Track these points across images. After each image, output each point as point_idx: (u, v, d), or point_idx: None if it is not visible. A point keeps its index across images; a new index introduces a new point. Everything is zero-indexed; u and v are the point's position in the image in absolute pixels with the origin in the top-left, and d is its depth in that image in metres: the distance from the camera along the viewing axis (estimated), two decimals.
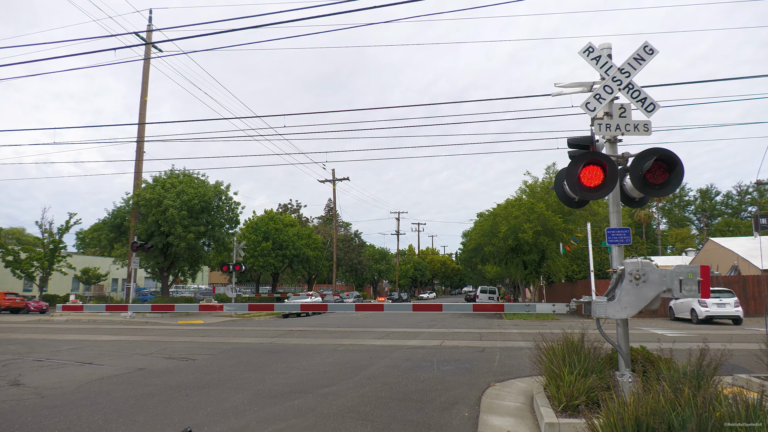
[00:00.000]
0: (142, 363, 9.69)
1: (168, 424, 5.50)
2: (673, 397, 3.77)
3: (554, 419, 4.87)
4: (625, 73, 5.47)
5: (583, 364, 5.78)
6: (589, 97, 5.49)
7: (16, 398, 6.81)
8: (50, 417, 5.83)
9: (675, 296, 4.90)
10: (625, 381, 5.02)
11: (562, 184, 6.15)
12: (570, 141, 5.89)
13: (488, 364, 9.12)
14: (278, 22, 9.55)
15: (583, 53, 5.68)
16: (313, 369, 8.85)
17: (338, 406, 6.23)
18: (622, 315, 5.06)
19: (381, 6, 8.98)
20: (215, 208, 27.71)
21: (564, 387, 5.40)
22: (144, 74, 23.25)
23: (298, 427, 5.37)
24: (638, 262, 5.04)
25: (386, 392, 6.94)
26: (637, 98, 5.42)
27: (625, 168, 5.57)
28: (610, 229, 5.58)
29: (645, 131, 5.44)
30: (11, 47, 13.14)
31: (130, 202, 26.63)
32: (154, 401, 6.54)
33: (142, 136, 22.95)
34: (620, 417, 3.67)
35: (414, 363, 9.26)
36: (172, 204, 24.49)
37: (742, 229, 58.37)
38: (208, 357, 10.44)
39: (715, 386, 4.55)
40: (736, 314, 20.06)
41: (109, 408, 6.22)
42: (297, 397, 6.69)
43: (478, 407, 6.10)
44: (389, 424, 5.43)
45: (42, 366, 9.42)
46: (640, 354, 6.15)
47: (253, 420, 5.63)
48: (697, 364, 5.06)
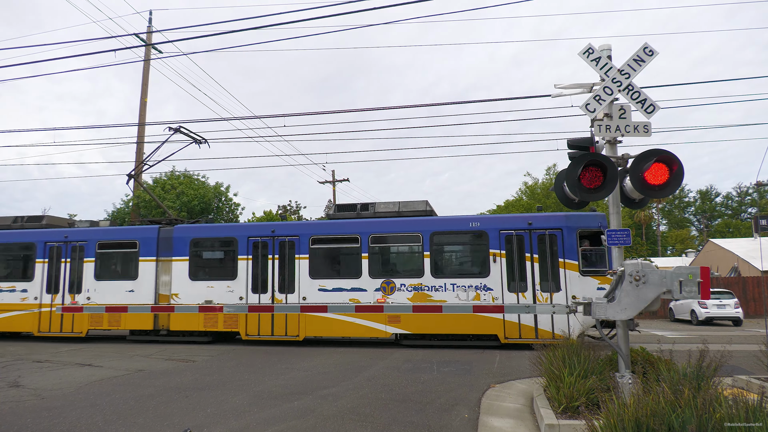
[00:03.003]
0: (142, 364, 9.68)
1: (168, 425, 5.49)
2: (673, 399, 3.77)
3: (554, 420, 4.87)
4: (625, 74, 5.48)
5: (582, 365, 5.78)
6: (589, 98, 5.49)
7: (15, 399, 6.81)
8: (50, 418, 5.82)
9: (675, 297, 4.91)
10: (625, 382, 5.02)
11: (562, 185, 6.15)
12: (570, 142, 5.90)
13: (488, 365, 9.12)
14: (280, 23, 9.56)
15: (582, 54, 5.69)
16: (313, 370, 8.84)
17: (338, 407, 6.22)
18: (622, 316, 5.06)
19: (385, 6, 8.99)
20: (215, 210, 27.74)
21: (564, 388, 5.40)
22: (144, 75, 23.28)
23: (298, 428, 5.36)
24: (638, 263, 5.04)
25: (386, 393, 6.93)
26: (637, 99, 5.42)
27: (625, 169, 5.57)
28: (610, 231, 5.58)
29: (645, 132, 5.45)
30: (14, 48, 13.14)
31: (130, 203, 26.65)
32: (154, 402, 6.53)
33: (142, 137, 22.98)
34: (620, 418, 3.67)
35: (414, 364, 9.26)
36: (172, 205, 24.54)
37: (742, 231, 58.34)
38: (208, 358, 10.44)
39: (715, 387, 4.55)
40: (736, 315, 20.05)
41: (109, 409, 6.22)
42: (297, 398, 6.68)
43: (478, 408, 6.10)
44: (389, 425, 5.43)
45: (42, 367, 9.42)
46: (640, 355, 6.15)
47: (253, 421, 5.63)
48: (697, 366, 5.06)
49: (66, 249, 13.78)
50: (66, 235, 13.89)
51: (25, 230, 14.33)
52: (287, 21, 9.55)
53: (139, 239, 13.33)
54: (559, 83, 6.12)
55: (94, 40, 12.39)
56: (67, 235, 13.87)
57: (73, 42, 11.98)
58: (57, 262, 13.76)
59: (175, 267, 13.02)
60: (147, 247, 13.23)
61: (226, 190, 29.71)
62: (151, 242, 13.24)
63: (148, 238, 13.29)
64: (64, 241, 13.83)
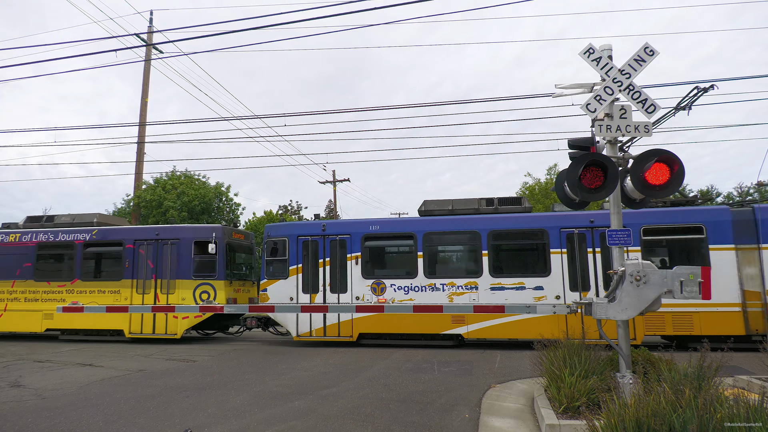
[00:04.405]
0: (143, 364, 9.68)
1: (168, 425, 5.50)
2: (674, 399, 3.77)
3: (555, 421, 4.87)
4: (625, 74, 5.47)
5: (583, 365, 5.77)
6: (590, 98, 5.49)
7: (16, 399, 6.82)
8: (51, 418, 5.83)
9: (676, 297, 4.90)
10: (625, 382, 5.02)
11: (562, 185, 6.15)
12: (571, 142, 5.89)
13: (489, 365, 9.11)
14: (281, 23, 9.56)
15: (583, 54, 5.68)
16: (313, 370, 8.84)
17: (339, 407, 6.22)
18: (622, 316, 5.06)
19: (386, 6, 8.98)
20: (215, 210, 27.75)
21: (565, 388, 5.39)
22: (144, 75, 23.31)
23: (298, 428, 5.37)
24: (639, 263, 5.04)
25: (387, 393, 6.93)
26: (638, 99, 5.42)
27: (625, 169, 5.57)
28: (611, 231, 5.58)
29: (646, 133, 5.44)
30: (16, 48, 13.15)
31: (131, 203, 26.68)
32: (155, 402, 6.54)
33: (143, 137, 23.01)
34: (621, 418, 3.67)
35: (414, 364, 9.25)
36: (172, 205, 24.57)
37: None
38: (209, 358, 10.44)
39: (716, 387, 4.54)
40: None
41: (110, 409, 6.22)
42: (297, 398, 6.68)
43: (479, 408, 6.09)
44: (390, 425, 5.43)
45: (42, 367, 9.42)
46: (641, 355, 6.15)
47: (254, 421, 5.63)
48: (697, 366, 5.06)
49: (591, 235, 11.42)
50: (592, 219, 11.51)
51: (535, 215, 12.03)
52: (288, 21, 9.54)
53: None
54: (560, 83, 6.12)
55: (95, 40, 12.41)
56: (592, 219, 11.49)
57: (75, 42, 12.00)
58: (578, 251, 11.39)
59: None
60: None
61: (227, 190, 29.74)
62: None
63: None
64: (588, 226, 11.41)
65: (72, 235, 13.81)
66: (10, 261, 14.02)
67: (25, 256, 14.00)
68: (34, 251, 13.91)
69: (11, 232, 14.32)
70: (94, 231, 13.83)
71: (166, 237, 13.34)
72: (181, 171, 28.33)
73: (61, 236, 13.88)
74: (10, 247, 14.13)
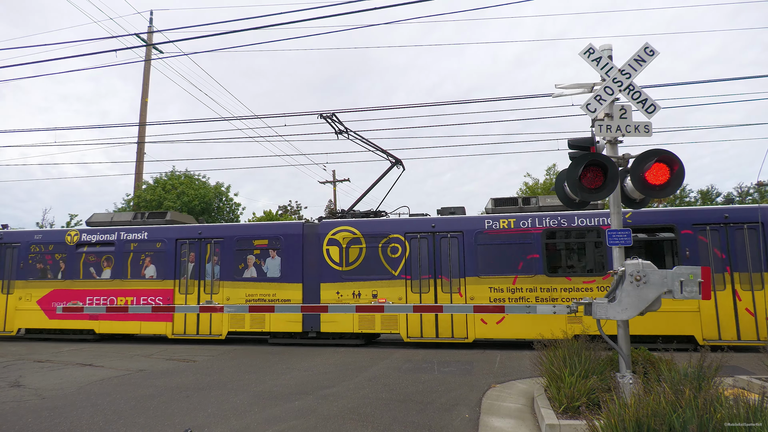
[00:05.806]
0: (143, 364, 9.69)
1: (168, 425, 5.50)
2: (674, 399, 3.77)
3: (555, 420, 4.87)
4: (625, 74, 5.48)
5: (583, 365, 5.77)
6: (590, 98, 5.49)
7: (17, 399, 6.82)
8: (51, 418, 5.83)
9: (676, 297, 4.90)
10: (626, 382, 5.02)
11: (562, 186, 6.15)
12: (571, 142, 5.89)
13: (489, 365, 9.11)
14: (281, 23, 9.57)
15: (583, 54, 5.69)
16: (313, 370, 8.84)
17: (339, 407, 6.22)
18: (622, 316, 5.06)
19: (386, 6, 8.99)
20: (215, 210, 27.76)
21: (565, 388, 5.39)
22: (145, 76, 23.33)
23: (298, 428, 5.37)
24: (639, 263, 5.04)
25: (387, 393, 6.94)
26: (638, 99, 5.42)
27: (625, 169, 5.57)
28: (611, 231, 5.58)
29: (646, 133, 5.45)
30: (17, 48, 13.16)
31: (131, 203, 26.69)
32: (155, 402, 6.54)
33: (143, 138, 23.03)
34: (621, 418, 3.67)
35: (414, 364, 9.25)
36: (172, 205, 24.57)
37: None
38: (209, 358, 10.44)
39: (716, 387, 4.55)
40: None
41: (110, 409, 6.23)
42: (297, 398, 6.69)
43: (479, 408, 6.10)
44: (390, 425, 5.43)
45: (43, 367, 9.43)
46: (641, 355, 6.15)
47: (254, 421, 5.63)
48: (697, 366, 5.06)
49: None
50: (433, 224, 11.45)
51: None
52: (289, 21, 9.55)
53: None
54: (560, 83, 6.12)
55: (96, 40, 12.41)
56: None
57: (75, 42, 12.00)
58: None
59: None
60: None
61: (227, 189, 29.74)
62: None
63: None
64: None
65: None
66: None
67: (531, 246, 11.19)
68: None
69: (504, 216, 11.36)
70: None
71: None
72: (181, 171, 28.35)
73: None
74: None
